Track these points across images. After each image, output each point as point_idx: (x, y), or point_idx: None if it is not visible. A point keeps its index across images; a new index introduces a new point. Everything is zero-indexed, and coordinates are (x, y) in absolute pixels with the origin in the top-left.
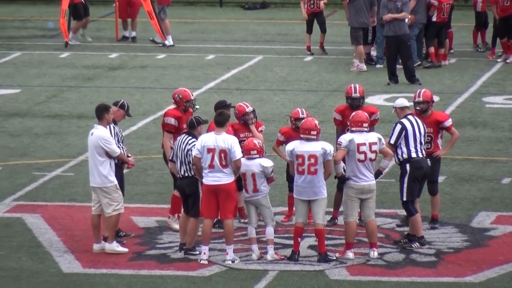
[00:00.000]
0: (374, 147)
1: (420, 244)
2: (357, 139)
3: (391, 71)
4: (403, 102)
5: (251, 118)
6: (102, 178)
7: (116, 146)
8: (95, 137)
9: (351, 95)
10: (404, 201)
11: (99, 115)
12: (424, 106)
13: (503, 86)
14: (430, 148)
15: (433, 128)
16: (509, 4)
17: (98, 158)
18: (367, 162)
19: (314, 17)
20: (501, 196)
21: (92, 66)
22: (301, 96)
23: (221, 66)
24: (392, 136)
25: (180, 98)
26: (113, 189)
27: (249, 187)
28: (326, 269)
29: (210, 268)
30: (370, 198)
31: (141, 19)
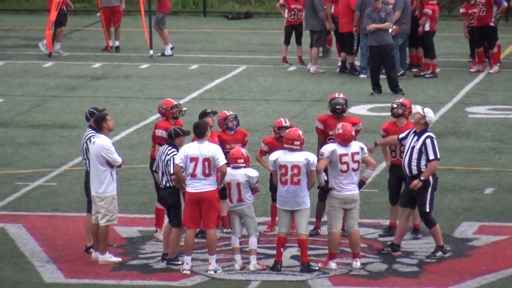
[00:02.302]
0: (357, 157)
1: (443, 253)
2: (339, 150)
3: (374, 81)
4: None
5: (231, 121)
6: (102, 187)
7: (117, 155)
8: (97, 146)
9: (335, 97)
10: (426, 212)
11: (98, 126)
12: (401, 109)
13: (486, 96)
14: None
15: None
16: (484, 14)
17: (99, 167)
18: (350, 172)
19: (292, 29)
20: (484, 206)
21: (75, 75)
22: (285, 106)
23: (205, 76)
24: (436, 150)
25: (165, 108)
26: (111, 200)
27: (233, 196)
28: (308, 279)
29: (192, 278)
30: (353, 208)
31: (124, 28)
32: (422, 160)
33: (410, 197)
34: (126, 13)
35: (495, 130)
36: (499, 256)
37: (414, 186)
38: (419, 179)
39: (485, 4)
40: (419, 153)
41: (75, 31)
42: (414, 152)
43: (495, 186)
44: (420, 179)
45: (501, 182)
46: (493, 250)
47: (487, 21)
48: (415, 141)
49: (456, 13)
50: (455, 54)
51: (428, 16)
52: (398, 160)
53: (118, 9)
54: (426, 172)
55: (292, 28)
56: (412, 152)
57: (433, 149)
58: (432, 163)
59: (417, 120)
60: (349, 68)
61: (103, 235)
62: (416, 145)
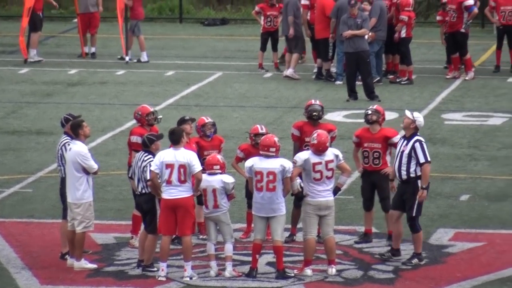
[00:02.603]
0: (331, 164)
1: (419, 260)
2: (312, 159)
3: (350, 87)
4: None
5: (209, 129)
6: (78, 194)
7: (93, 162)
8: (73, 152)
9: (311, 103)
10: (413, 216)
11: (74, 132)
12: (375, 116)
13: (462, 103)
14: (378, 164)
15: (382, 144)
16: (455, 20)
17: (75, 174)
18: (324, 180)
19: (269, 35)
20: (459, 213)
21: (51, 82)
22: (260, 112)
23: (181, 82)
24: (426, 154)
25: (140, 114)
26: (87, 206)
27: (209, 203)
28: (284, 286)
29: (168, 285)
30: (328, 215)
31: (100, 35)
32: (412, 165)
33: (401, 200)
34: (103, 19)
35: (471, 137)
36: (474, 263)
37: (421, 198)
38: (422, 188)
39: (456, 10)
40: (409, 158)
41: (51, 37)
42: (403, 157)
43: (470, 192)
44: (423, 187)
45: (476, 188)
46: (469, 257)
47: (458, 27)
48: (404, 145)
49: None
50: (431, 60)
51: (404, 23)
52: (370, 166)
53: (96, 15)
54: (423, 178)
55: (268, 34)
56: (402, 157)
57: (423, 152)
58: (424, 167)
59: (407, 125)
60: (325, 75)
61: (79, 241)
62: (405, 150)
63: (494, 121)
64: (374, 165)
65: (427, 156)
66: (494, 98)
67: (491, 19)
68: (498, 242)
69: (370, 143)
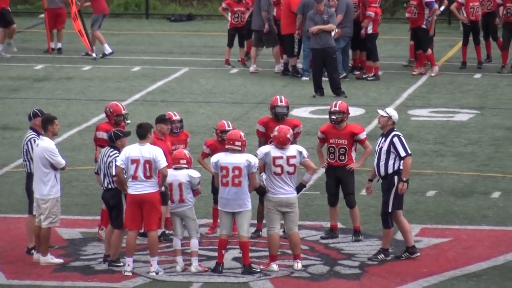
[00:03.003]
0: (293, 160)
1: (385, 256)
2: (273, 152)
3: (317, 83)
4: (397, 117)
5: (176, 126)
6: (45, 189)
7: (61, 158)
8: (40, 148)
9: (277, 104)
10: (388, 212)
11: (44, 127)
12: (340, 116)
13: (428, 99)
14: (343, 160)
15: (348, 140)
16: (417, 16)
17: (42, 170)
18: (285, 175)
19: (236, 31)
20: (426, 208)
21: (17, 77)
22: (227, 108)
23: (147, 78)
24: (405, 147)
25: (111, 112)
26: (54, 202)
27: (175, 197)
28: (250, 281)
29: (134, 280)
30: (290, 212)
31: (66, 30)
32: (390, 160)
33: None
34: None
35: (437, 133)
36: (440, 259)
37: (401, 190)
38: (402, 181)
39: (417, 6)
40: (387, 154)
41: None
42: (382, 154)
43: (437, 188)
44: (403, 180)
45: (443, 184)
46: (435, 252)
47: (419, 23)
48: (382, 142)
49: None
50: (398, 56)
51: (370, 19)
52: (336, 162)
53: (63, 11)
54: (405, 170)
55: (235, 30)
56: (380, 154)
57: (402, 146)
58: (405, 160)
59: (384, 123)
60: (291, 71)
61: (44, 237)
62: (383, 146)
63: (461, 117)
64: (339, 161)
65: (407, 149)
66: (460, 95)
67: (458, 15)
68: (464, 237)
69: (336, 139)
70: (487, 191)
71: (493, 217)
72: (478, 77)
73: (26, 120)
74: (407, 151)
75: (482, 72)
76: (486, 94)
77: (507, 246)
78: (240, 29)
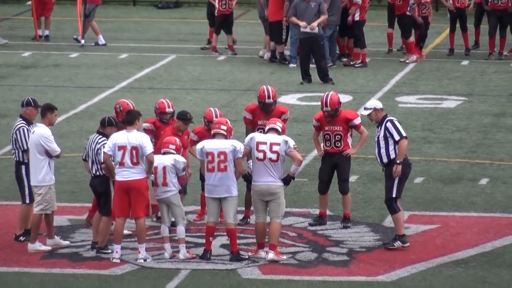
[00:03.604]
0: (276, 147)
1: (402, 243)
2: (257, 138)
3: (304, 70)
4: (378, 103)
5: (167, 118)
6: (39, 177)
7: (56, 145)
8: (36, 135)
9: (265, 100)
10: (392, 197)
11: (42, 114)
12: (333, 112)
13: (416, 86)
14: (340, 146)
15: (343, 126)
16: (401, 3)
17: (37, 156)
18: (267, 162)
19: (223, 18)
20: (414, 195)
21: (4, 64)
22: (214, 95)
23: (134, 65)
24: (399, 130)
25: (121, 110)
26: (47, 190)
27: (159, 180)
28: (238, 268)
29: (122, 267)
30: (272, 200)
31: (54, 17)
32: (390, 146)
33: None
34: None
35: (425, 120)
36: (428, 245)
37: (396, 173)
38: (396, 163)
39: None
40: (385, 140)
41: (5, 19)
42: (380, 141)
43: (425, 175)
44: (397, 163)
45: (430, 171)
46: (423, 239)
47: (403, 10)
48: (378, 130)
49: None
50: (385, 43)
51: (357, 6)
52: (332, 149)
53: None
54: (399, 153)
55: (223, 17)
56: (379, 141)
57: (396, 130)
58: (400, 143)
59: (374, 117)
60: (278, 58)
61: (34, 224)
62: (380, 133)
63: (448, 104)
64: (335, 147)
65: (401, 132)
66: (448, 81)
67: (444, 2)
68: (452, 224)
69: (331, 126)
70: (475, 177)
71: (481, 204)
72: (466, 64)
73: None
74: (401, 134)
75: (469, 59)
76: (474, 81)
77: (495, 232)
78: (228, 16)
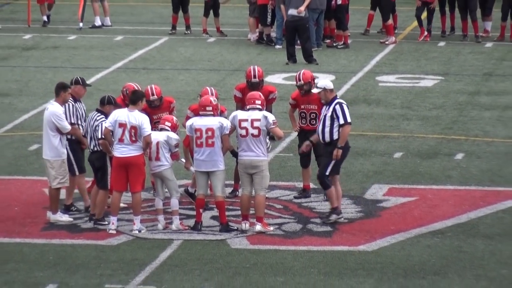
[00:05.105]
0: (256, 123)
1: (336, 215)
2: (240, 115)
3: (289, 52)
4: (329, 84)
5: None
6: (52, 151)
7: (67, 123)
8: (49, 112)
9: (251, 79)
10: (326, 174)
11: (56, 92)
12: (307, 87)
13: (395, 66)
14: (314, 124)
15: (317, 105)
16: None
17: (49, 132)
18: (249, 137)
19: (213, 2)
20: (393, 169)
21: (6, 46)
22: (204, 75)
23: (129, 46)
24: (345, 115)
25: (127, 93)
26: (60, 163)
27: (152, 155)
28: (227, 238)
29: (118, 238)
30: (256, 173)
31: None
32: (335, 127)
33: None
34: None
35: (404, 98)
36: (407, 217)
37: (336, 157)
38: (337, 147)
39: None
40: (331, 120)
41: (6, 4)
42: (326, 120)
43: (403, 150)
44: (338, 147)
45: (409, 147)
46: (402, 210)
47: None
48: (326, 109)
49: None
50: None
51: None
52: (308, 126)
53: None
54: (341, 138)
55: (212, 1)
56: (325, 120)
57: (343, 114)
58: (343, 127)
59: (323, 96)
60: (265, 39)
61: (53, 196)
62: (327, 113)
63: (426, 83)
64: (311, 125)
65: (346, 117)
66: (425, 62)
67: None
68: (429, 197)
69: (306, 104)
70: (451, 152)
71: (457, 177)
72: (442, 45)
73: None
74: (346, 119)
75: (445, 40)
76: (450, 61)
77: (470, 204)
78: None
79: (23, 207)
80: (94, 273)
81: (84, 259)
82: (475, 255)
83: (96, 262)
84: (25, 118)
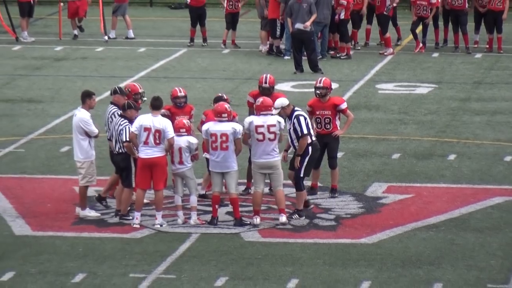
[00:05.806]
0: (273, 128)
1: (299, 216)
2: (256, 121)
3: (297, 62)
4: (284, 101)
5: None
6: (82, 153)
7: (94, 127)
8: (77, 118)
9: (262, 84)
10: (300, 177)
11: (82, 100)
12: (324, 91)
13: (393, 74)
14: (329, 128)
15: (331, 111)
16: (380, 4)
17: (78, 136)
18: (266, 141)
19: (231, 16)
20: (392, 169)
21: (40, 57)
22: (220, 83)
23: (151, 57)
24: (302, 127)
25: (129, 91)
26: (89, 164)
27: (175, 159)
28: (241, 232)
29: (141, 231)
30: (273, 173)
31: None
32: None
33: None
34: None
35: (401, 104)
36: (405, 212)
37: (296, 163)
38: (297, 155)
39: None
40: (295, 132)
41: (40, 19)
42: (291, 133)
43: (401, 152)
44: (298, 155)
45: (406, 148)
46: (400, 206)
47: (381, 11)
48: (289, 124)
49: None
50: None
51: (343, 6)
52: (323, 130)
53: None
54: (299, 148)
55: (231, 16)
56: (290, 134)
57: (299, 126)
58: (302, 138)
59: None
60: (275, 51)
61: (82, 194)
62: (290, 127)
63: (421, 90)
64: (326, 129)
65: (303, 129)
66: (420, 71)
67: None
68: (425, 194)
69: (321, 110)
70: (444, 154)
71: (450, 176)
72: (436, 55)
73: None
74: (303, 131)
75: (439, 52)
76: (443, 71)
77: (462, 201)
78: (234, 15)
79: (55, 203)
80: (119, 263)
81: (110, 250)
82: (466, 247)
83: (122, 253)
84: (57, 122)
